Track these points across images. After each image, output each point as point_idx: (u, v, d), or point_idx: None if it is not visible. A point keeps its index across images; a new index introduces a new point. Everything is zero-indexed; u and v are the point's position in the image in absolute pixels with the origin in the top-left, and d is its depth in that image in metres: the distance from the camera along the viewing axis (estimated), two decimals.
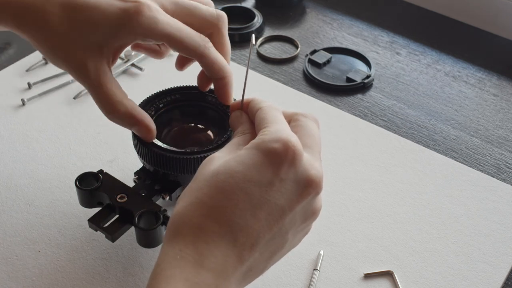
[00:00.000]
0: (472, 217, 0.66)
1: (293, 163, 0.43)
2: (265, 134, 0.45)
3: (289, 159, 0.43)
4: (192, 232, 0.42)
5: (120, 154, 0.71)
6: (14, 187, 0.67)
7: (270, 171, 0.43)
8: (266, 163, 0.43)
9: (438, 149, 0.75)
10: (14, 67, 0.84)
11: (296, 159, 0.43)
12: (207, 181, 0.44)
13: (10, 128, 0.74)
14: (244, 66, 0.86)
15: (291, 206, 0.43)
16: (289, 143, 0.43)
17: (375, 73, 0.86)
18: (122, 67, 0.83)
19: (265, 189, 0.43)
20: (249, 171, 0.43)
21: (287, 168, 0.43)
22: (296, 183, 0.44)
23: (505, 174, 0.72)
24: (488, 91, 0.84)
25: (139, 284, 0.58)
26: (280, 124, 0.46)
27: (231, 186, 0.43)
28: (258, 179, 0.43)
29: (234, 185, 0.43)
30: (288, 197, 0.43)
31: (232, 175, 0.43)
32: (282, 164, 0.43)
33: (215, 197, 0.43)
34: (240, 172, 0.43)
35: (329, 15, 0.98)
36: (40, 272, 0.59)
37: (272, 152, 0.43)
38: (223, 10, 0.96)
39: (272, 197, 0.43)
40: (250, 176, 0.43)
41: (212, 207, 0.43)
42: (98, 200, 0.58)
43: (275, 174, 0.43)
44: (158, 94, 0.64)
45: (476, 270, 0.61)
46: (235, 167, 0.43)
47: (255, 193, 0.42)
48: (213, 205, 0.43)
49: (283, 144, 0.43)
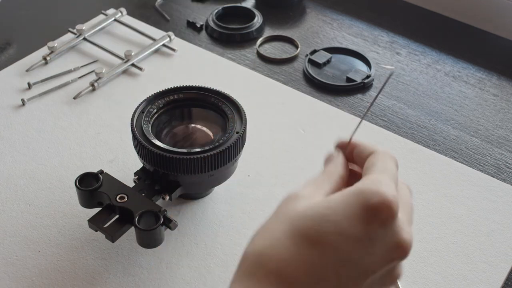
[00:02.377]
0: (472, 217, 0.66)
1: (385, 223, 0.39)
2: (365, 184, 0.40)
3: (383, 218, 0.39)
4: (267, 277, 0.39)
5: (120, 154, 0.71)
6: (14, 187, 0.67)
7: (361, 226, 0.39)
8: (358, 216, 0.39)
9: (438, 149, 0.75)
10: (14, 67, 0.84)
11: (389, 219, 0.39)
12: (291, 223, 0.40)
13: (10, 128, 0.74)
14: (244, 66, 0.86)
15: (374, 269, 0.39)
16: (387, 200, 0.39)
17: (375, 73, 0.86)
18: (122, 67, 0.83)
19: (353, 245, 0.38)
20: (340, 222, 0.39)
21: (378, 227, 0.39)
22: (385, 244, 0.39)
23: (505, 174, 0.72)
24: (488, 91, 0.84)
25: (139, 284, 0.58)
26: (387, 175, 0.42)
27: (318, 235, 0.39)
28: (347, 233, 0.38)
29: (322, 235, 0.39)
30: (373, 259, 0.39)
31: (321, 224, 0.39)
32: (373, 222, 0.39)
33: (299, 244, 0.39)
34: (330, 222, 0.39)
35: (329, 15, 0.98)
36: (40, 272, 0.59)
37: (366, 206, 0.39)
38: (223, 10, 0.97)
39: (358, 256, 0.39)
40: (340, 229, 0.39)
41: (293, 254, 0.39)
42: (98, 200, 0.58)
43: (365, 231, 0.39)
44: (158, 94, 0.64)
45: (476, 270, 0.61)
46: (325, 214, 0.39)
47: (342, 248, 0.38)
48: (295, 252, 0.39)
49: (381, 200, 0.39)
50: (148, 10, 0.98)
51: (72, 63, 0.85)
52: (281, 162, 0.71)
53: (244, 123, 0.61)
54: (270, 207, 0.66)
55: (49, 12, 0.98)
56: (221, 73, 0.84)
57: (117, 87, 0.81)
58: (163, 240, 0.56)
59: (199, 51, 0.88)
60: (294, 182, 0.69)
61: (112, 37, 0.90)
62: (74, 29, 0.89)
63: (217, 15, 0.95)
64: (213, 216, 0.65)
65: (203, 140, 0.64)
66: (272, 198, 0.67)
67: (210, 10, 0.97)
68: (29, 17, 0.96)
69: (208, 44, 0.91)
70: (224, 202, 0.66)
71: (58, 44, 0.86)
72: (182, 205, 0.66)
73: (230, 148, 0.58)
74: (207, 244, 0.62)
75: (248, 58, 0.88)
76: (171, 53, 0.87)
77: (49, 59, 0.84)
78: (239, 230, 0.64)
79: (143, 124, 0.60)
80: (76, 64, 0.84)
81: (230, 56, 0.88)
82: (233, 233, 0.63)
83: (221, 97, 0.64)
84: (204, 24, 0.94)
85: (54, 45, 0.85)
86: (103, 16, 0.93)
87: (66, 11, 0.98)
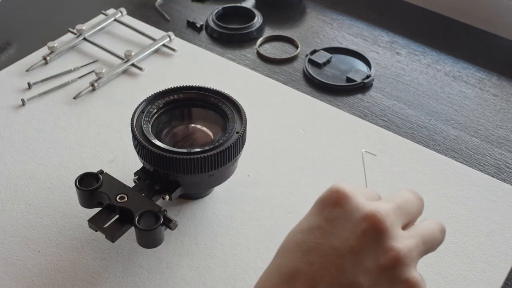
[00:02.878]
0: (472, 217, 0.66)
1: (338, 203, 0.41)
2: None
3: (333, 200, 0.41)
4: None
5: (120, 154, 0.71)
6: (14, 187, 0.67)
7: (317, 216, 0.42)
8: (314, 211, 0.42)
9: (438, 149, 0.75)
10: (14, 67, 0.84)
11: (341, 199, 0.41)
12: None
13: (10, 128, 0.74)
14: (244, 66, 0.86)
15: (349, 245, 0.40)
16: (334, 188, 0.42)
17: (375, 73, 0.86)
18: (122, 67, 0.83)
19: (314, 234, 0.41)
20: (301, 222, 0.43)
21: (331, 208, 0.41)
22: (348, 221, 0.41)
23: (505, 174, 0.72)
24: (488, 91, 0.84)
25: (139, 284, 0.58)
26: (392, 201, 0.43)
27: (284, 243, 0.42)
28: (307, 226, 0.42)
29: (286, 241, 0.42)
30: (341, 236, 0.40)
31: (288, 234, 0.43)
32: (326, 206, 0.42)
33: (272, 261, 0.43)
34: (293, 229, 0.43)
35: (329, 15, 0.98)
36: (40, 272, 0.59)
37: (318, 200, 0.42)
38: (223, 10, 0.97)
39: (323, 240, 0.40)
40: (300, 227, 0.42)
41: (268, 268, 0.42)
42: (98, 200, 0.58)
43: (322, 217, 0.41)
44: (158, 94, 0.64)
45: (476, 270, 0.61)
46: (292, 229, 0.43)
47: (304, 240, 0.41)
48: (270, 265, 0.43)
49: (330, 190, 0.42)
50: (148, 10, 0.98)
51: (72, 63, 0.85)
52: (281, 162, 0.71)
53: (244, 123, 0.61)
54: (270, 207, 0.66)
55: (49, 12, 0.98)
56: (221, 73, 0.84)
57: (117, 87, 0.81)
58: (163, 240, 0.56)
59: (199, 51, 0.88)
60: (294, 182, 0.69)
61: (112, 37, 0.90)
62: (74, 29, 0.89)
63: (217, 15, 0.95)
64: (213, 216, 0.65)
65: (203, 140, 0.64)
66: (272, 198, 0.67)
67: (210, 10, 0.97)
68: (29, 17, 0.96)
69: (208, 44, 0.91)
70: (224, 202, 0.66)
71: (58, 44, 0.86)
72: (182, 205, 0.66)
73: (230, 148, 0.58)
74: (207, 244, 0.62)
75: (248, 58, 0.88)
76: (171, 53, 0.87)
77: (49, 59, 0.84)
78: (239, 230, 0.64)
79: (143, 124, 0.60)
80: (76, 64, 0.84)
81: (230, 56, 0.88)
82: (233, 233, 0.63)
83: (221, 97, 0.64)
84: (204, 24, 0.94)
85: (54, 45, 0.85)
86: (103, 16, 0.93)
87: (66, 11, 0.98)
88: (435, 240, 0.44)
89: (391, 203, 0.43)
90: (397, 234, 0.41)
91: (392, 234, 0.41)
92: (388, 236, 0.40)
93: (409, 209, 0.44)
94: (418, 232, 0.43)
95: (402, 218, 0.43)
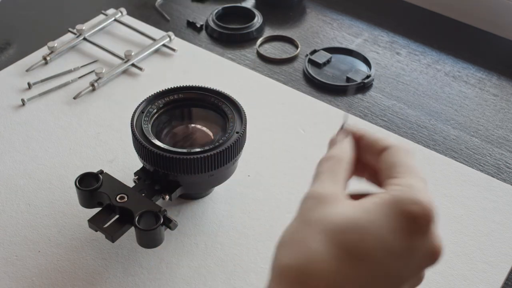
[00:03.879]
0: (472, 217, 0.66)
1: (426, 232, 0.37)
2: (400, 191, 0.38)
3: (424, 227, 0.37)
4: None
5: (120, 154, 0.71)
6: (14, 187, 0.67)
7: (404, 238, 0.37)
8: (400, 228, 0.37)
9: (438, 149, 0.75)
10: (14, 67, 0.84)
11: (428, 227, 0.37)
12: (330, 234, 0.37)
13: (10, 128, 0.74)
14: (244, 66, 0.86)
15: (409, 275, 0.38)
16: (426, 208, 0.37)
17: (375, 73, 0.86)
18: (122, 67, 0.83)
19: (394, 259, 0.36)
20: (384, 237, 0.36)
21: (421, 237, 0.37)
22: (422, 253, 0.38)
23: (505, 174, 0.72)
24: (488, 91, 0.84)
25: (139, 284, 0.58)
26: (418, 178, 0.40)
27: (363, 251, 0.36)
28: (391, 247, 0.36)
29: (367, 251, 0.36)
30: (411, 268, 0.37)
31: (365, 238, 0.36)
32: (415, 233, 0.37)
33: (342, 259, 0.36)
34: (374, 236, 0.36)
35: (329, 15, 0.98)
36: (40, 272, 0.59)
37: (407, 217, 0.37)
38: (223, 10, 0.97)
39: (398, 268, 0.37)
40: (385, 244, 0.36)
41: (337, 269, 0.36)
42: (98, 200, 0.58)
43: (407, 243, 0.37)
44: (158, 94, 0.64)
45: (476, 270, 0.61)
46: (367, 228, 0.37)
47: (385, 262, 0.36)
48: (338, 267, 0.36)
49: (421, 209, 0.37)
50: (148, 10, 0.98)
51: (72, 63, 0.85)
52: (281, 162, 0.71)
53: (244, 123, 0.61)
54: (270, 207, 0.66)
55: (49, 12, 0.98)
56: (221, 73, 0.84)
57: (117, 87, 0.81)
58: (163, 240, 0.56)
59: (199, 51, 0.88)
60: (294, 182, 0.69)
61: (112, 37, 0.90)
62: (74, 29, 0.89)
63: (217, 15, 0.95)
64: (213, 216, 0.65)
65: (203, 140, 0.64)
66: (272, 198, 0.67)
67: (210, 10, 0.97)
68: (29, 17, 0.96)
69: (208, 44, 0.91)
70: (224, 202, 0.66)
71: (58, 44, 0.86)
72: (182, 205, 0.66)
73: (230, 148, 0.58)
74: (207, 244, 0.62)
75: (248, 58, 0.88)
76: (171, 53, 0.87)
77: (49, 59, 0.84)
78: (239, 230, 0.64)
79: (143, 124, 0.60)
80: (76, 64, 0.84)
81: (230, 56, 0.88)
82: (233, 233, 0.63)
83: (221, 97, 0.64)
84: (204, 24, 0.94)
85: (54, 45, 0.85)
86: (103, 16, 0.93)
87: (66, 11, 0.98)
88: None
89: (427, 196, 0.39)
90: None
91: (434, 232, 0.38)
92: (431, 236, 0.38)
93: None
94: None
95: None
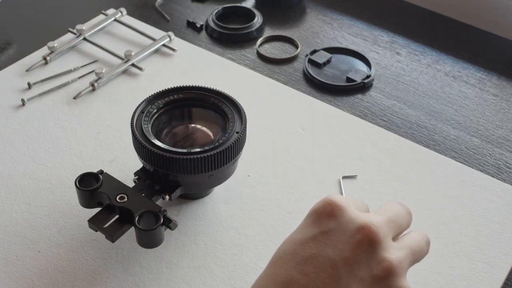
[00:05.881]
0: (472, 217, 0.66)
1: (332, 215, 0.43)
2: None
3: (327, 212, 0.43)
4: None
5: (120, 154, 0.71)
6: (14, 187, 0.67)
7: (312, 227, 0.43)
8: (309, 222, 0.44)
9: (438, 149, 0.75)
10: (14, 67, 0.84)
11: (335, 211, 0.43)
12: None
13: (10, 128, 0.74)
14: (244, 66, 0.86)
15: (343, 256, 0.41)
16: (329, 200, 0.44)
17: (375, 73, 0.86)
18: (122, 67, 0.83)
19: (308, 245, 0.42)
20: (295, 232, 0.44)
21: (326, 220, 0.43)
22: (343, 232, 0.42)
23: (505, 174, 0.72)
24: (488, 91, 0.84)
25: (139, 284, 0.58)
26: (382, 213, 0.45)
27: (278, 253, 0.44)
28: (301, 237, 0.43)
29: (280, 250, 0.44)
30: (336, 247, 0.42)
31: (282, 244, 0.44)
32: (320, 218, 0.43)
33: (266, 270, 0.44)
34: (287, 239, 0.44)
35: (329, 15, 0.98)
36: (40, 272, 0.59)
37: (312, 211, 0.44)
38: (223, 10, 0.97)
39: (318, 250, 0.42)
40: (295, 237, 0.44)
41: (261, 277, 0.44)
42: (98, 200, 0.58)
43: (316, 228, 0.43)
44: (158, 94, 0.64)
45: (476, 270, 0.61)
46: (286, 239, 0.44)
47: (299, 251, 0.42)
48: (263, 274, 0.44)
49: (324, 201, 0.44)
50: (148, 10, 0.98)
51: (72, 63, 0.85)
52: (281, 162, 0.71)
53: (244, 123, 0.61)
54: (270, 207, 0.66)
55: (49, 12, 0.98)
56: (221, 73, 0.84)
57: (117, 87, 0.81)
58: (163, 240, 0.56)
59: (199, 51, 0.88)
60: (294, 182, 0.69)
61: (112, 37, 0.90)
62: (74, 29, 0.89)
63: (217, 15, 0.95)
64: (213, 216, 0.65)
65: (203, 140, 0.64)
66: (272, 198, 0.67)
67: (210, 10, 0.97)
68: (29, 17, 0.96)
69: (208, 44, 0.91)
70: (224, 202, 0.66)
71: (58, 44, 0.86)
72: (182, 205, 0.66)
73: (230, 148, 0.58)
74: (207, 244, 0.62)
75: (248, 58, 0.88)
76: (171, 53, 0.87)
77: (49, 59, 0.84)
78: (239, 230, 0.64)
79: (143, 124, 0.60)
80: (76, 64, 0.84)
81: (230, 56, 0.88)
82: (233, 233, 0.63)
83: (221, 97, 0.64)
84: (204, 24, 0.94)
85: (54, 45, 0.85)
86: (103, 16, 0.93)
87: (66, 11, 0.98)
88: (422, 251, 0.46)
89: (383, 215, 0.45)
90: (389, 245, 0.43)
91: (385, 246, 0.43)
92: (381, 248, 0.42)
93: (399, 222, 0.46)
94: (407, 244, 0.45)
95: (393, 230, 0.45)
